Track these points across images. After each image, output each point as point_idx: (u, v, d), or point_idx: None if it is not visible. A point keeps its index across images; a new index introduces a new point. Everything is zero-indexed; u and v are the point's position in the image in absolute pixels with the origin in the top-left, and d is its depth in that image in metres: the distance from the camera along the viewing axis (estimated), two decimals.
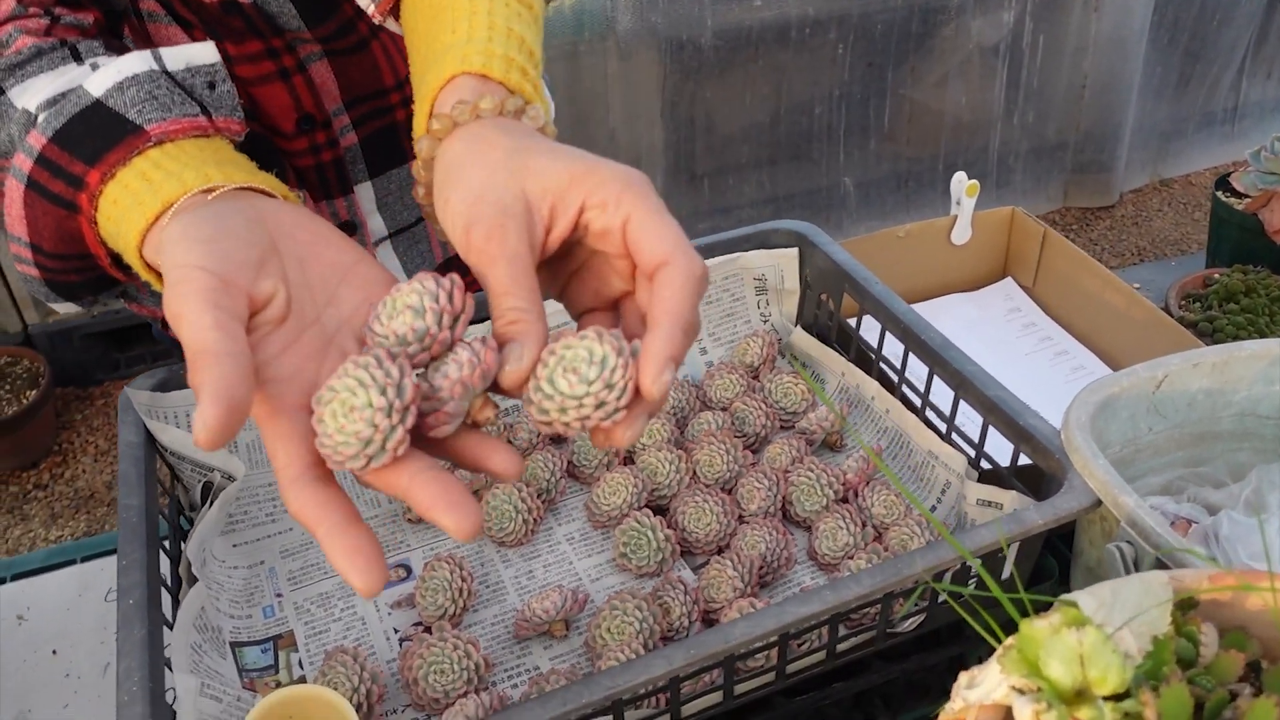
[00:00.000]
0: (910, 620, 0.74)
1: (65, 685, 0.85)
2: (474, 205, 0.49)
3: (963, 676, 0.42)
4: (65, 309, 0.74)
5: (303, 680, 0.76)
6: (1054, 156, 3.40)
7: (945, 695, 0.72)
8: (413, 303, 0.47)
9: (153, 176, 0.56)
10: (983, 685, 0.40)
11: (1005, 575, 0.76)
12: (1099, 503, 0.69)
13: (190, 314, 0.45)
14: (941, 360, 0.85)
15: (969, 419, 0.85)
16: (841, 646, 0.73)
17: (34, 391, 2.12)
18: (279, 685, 0.76)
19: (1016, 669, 0.38)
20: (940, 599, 0.74)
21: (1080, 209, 3.46)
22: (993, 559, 0.73)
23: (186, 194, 0.54)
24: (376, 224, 0.96)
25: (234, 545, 0.85)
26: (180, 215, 0.52)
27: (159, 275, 0.55)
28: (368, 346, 0.48)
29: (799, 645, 0.71)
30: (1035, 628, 0.38)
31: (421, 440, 0.47)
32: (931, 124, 3.18)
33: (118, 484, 0.77)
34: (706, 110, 2.85)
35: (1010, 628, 0.41)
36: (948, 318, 1.23)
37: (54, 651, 0.88)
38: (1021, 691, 0.38)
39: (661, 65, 2.71)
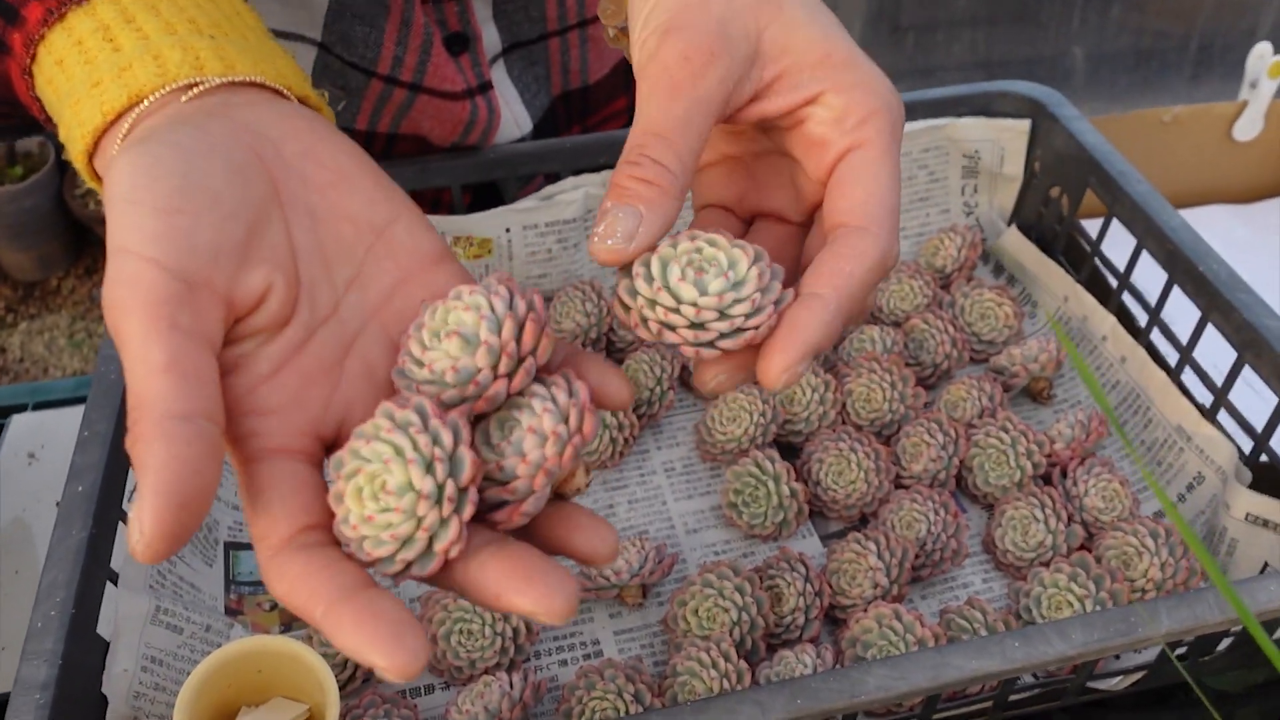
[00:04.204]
0: (1122, 679, 0.52)
1: None
2: (690, 11, 0.36)
3: None
4: None
5: None
6: None
7: None
8: (464, 325, 0.33)
9: (120, 39, 0.37)
10: None
11: None
12: None
13: (134, 342, 0.30)
14: (1225, 304, 0.59)
15: (1251, 394, 0.60)
16: (1015, 697, 0.52)
17: None
18: (275, 607, 0.60)
19: None
20: (1176, 653, 0.51)
21: None
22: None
23: (165, 88, 0.36)
24: (491, 36, 0.75)
25: None
26: (138, 144, 0.34)
27: None
28: (401, 368, 0.34)
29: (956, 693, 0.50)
30: None
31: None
32: None
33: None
34: None
35: None
36: (1208, 236, 0.95)
37: (58, 504, 0.75)
38: None
39: None
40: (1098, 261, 0.72)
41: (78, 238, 2.08)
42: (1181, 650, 0.51)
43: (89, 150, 0.37)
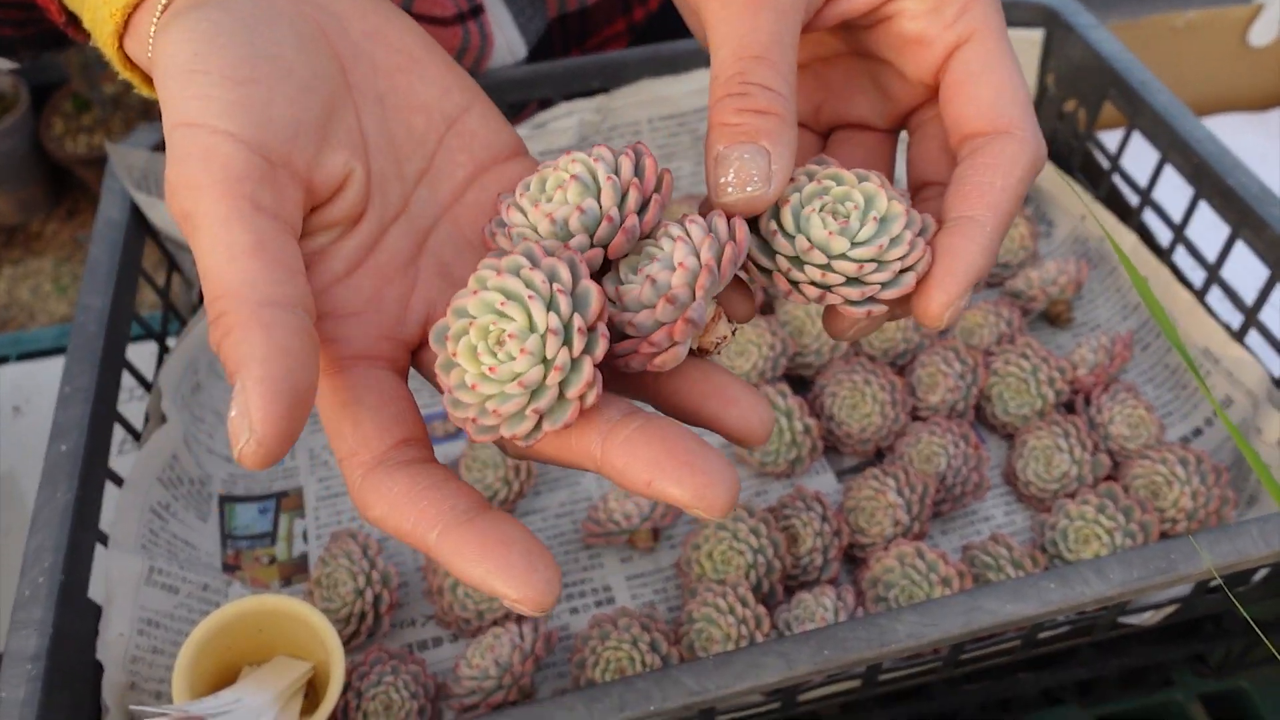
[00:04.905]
0: (1153, 613, 0.50)
1: None
2: None
3: None
4: None
5: (304, 560, 0.58)
6: None
7: (1165, 685, 0.50)
8: (578, 172, 0.30)
9: None
10: None
11: None
12: None
13: (212, 223, 0.27)
14: (1256, 220, 0.56)
15: None
16: (1044, 634, 0.50)
17: None
18: (273, 561, 0.58)
19: None
20: (1211, 586, 0.49)
21: None
22: None
23: None
24: None
25: None
26: (191, 11, 0.30)
27: (150, 81, 0.34)
28: (496, 252, 0.30)
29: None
30: None
31: (611, 377, 0.30)
32: None
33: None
34: None
35: None
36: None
37: None
38: None
39: None
40: (1116, 178, 0.69)
41: (58, 180, 2.03)
42: (1215, 583, 0.50)
43: (119, 31, 0.33)
